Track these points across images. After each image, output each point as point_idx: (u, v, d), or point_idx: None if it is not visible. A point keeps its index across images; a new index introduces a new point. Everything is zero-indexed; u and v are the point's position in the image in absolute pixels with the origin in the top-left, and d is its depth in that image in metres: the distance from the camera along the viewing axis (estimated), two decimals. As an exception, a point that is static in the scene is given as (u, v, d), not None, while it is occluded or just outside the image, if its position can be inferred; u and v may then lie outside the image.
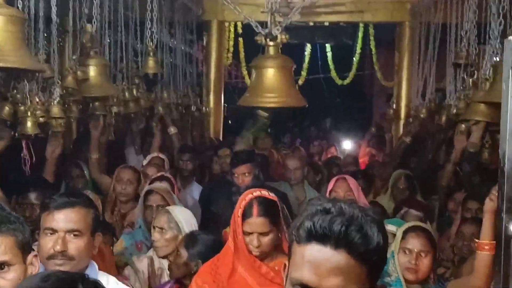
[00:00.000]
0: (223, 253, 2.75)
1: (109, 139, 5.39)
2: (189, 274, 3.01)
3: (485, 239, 2.89)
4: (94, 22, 4.50)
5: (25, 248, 1.88)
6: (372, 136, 9.11)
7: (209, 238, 3.20)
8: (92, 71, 4.30)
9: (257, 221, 2.64)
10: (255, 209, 2.66)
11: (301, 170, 5.58)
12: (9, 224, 1.84)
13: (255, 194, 2.73)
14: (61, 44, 4.32)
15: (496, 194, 1.84)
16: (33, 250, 2.05)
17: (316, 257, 1.35)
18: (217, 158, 6.07)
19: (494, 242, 2.25)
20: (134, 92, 5.64)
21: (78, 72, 4.15)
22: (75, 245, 2.20)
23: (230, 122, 11.75)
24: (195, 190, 5.62)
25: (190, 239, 3.16)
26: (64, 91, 4.09)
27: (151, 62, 5.38)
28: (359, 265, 1.35)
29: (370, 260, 1.37)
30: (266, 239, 2.65)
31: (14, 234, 1.84)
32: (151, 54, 5.35)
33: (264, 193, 2.77)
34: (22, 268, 1.83)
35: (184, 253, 3.08)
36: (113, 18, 5.27)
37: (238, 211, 2.67)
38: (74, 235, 2.22)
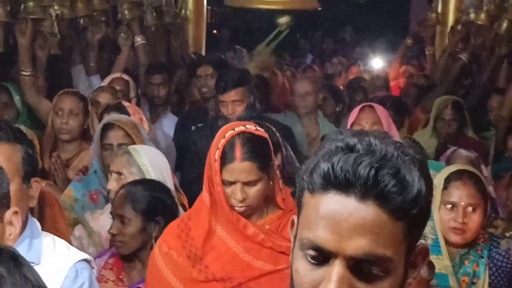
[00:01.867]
0: (195, 210, 2.69)
1: (51, 54, 5.35)
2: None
3: None
4: None
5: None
6: (409, 50, 9.09)
7: (151, 187, 3.15)
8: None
9: (241, 167, 2.53)
10: (238, 151, 2.52)
11: (313, 96, 5.57)
12: None
13: (237, 129, 2.57)
14: None
15: None
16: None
17: (336, 211, 1.34)
18: (196, 79, 5.95)
19: None
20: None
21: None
22: None
23: (215, 31, 11.74)
24: (169, 124, 5.62)
25: (126, 196, 3.11)
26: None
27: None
28: (394, 222, 1.34)
29: (409, 214, 1.36)
30: (253, 191, 2.55)
31: None
32: None
33: (250, 127, 2.62)
34: None
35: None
36: None
37: (215, 153, 2.57)
38: None
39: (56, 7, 5.03)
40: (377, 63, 10.65)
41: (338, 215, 1.36)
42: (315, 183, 1.39)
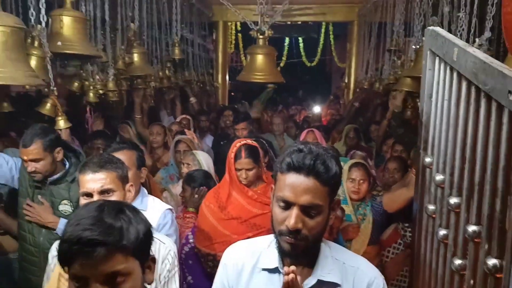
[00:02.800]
0: (222, 184, 2.73)
1: (150, 105, 5.36)
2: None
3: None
4: (136, 22, 4.48)
5: (124, 180, 1.89)
6: (331, 102, 9.09)
7: (202, 173, 3.16)
8: (136, 57, 4.31)
9: (244, 161, 2.62)
10: (243, 153, 2.62)
11: (282, 125, 5.59)
12: (112, 163, 1.86)
13: (242, 142, 2.70)
14: (112, 38, 4.26)
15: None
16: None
17: (293, 182, 1.37)
18: (223, 118, 6.02)
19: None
20: (166, 72, 5.61)
21: (126, 58, 4.18)
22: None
23: (233, 94, 11.62)
24: (209, 140, 5.62)
25: (188, 177, 3.12)
26: (116, 71, 4.09)
27: (176, 50, 5.35)
28: (323, 187, 1.36)
29: (330, 183, 1.38)
30: (250, 173, 2.61)
31: (116, 170, 1.85)
32: (176, 45, 5.32)
33: (249, 141, 2.74)
34: (122, 193, 1.84)
35: (186, 188, 3.07)
36: (149, 19, 5.21)
37: (231, 154, 2.63)
38: None
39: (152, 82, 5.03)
40: (315, 108, 10.71)
41: (295, 184, 1.38)
42: (283, 168, 1.42)
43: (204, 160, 3.43)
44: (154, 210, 2.25)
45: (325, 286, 1.44)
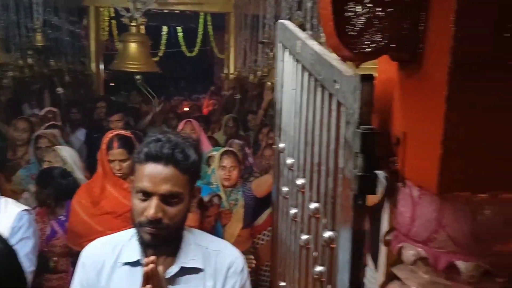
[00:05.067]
0: (94, 178, 2.64)
1: (8, 98, 4.85)
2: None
3: None
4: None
5: None
6: (212, 92, 9.16)
7: (58, 171, 3.00)
8: (-12, 43, 3.86)
9: (117, 151, 2.55)
10: (115, 143, 2.55)
11: (160, 116, 5.49)
12: None
13: (114, 133, 2.63)
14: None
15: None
16: None
17: (152, 172, 1.37)
18: (96, 109, 5.68)
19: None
20: (29, 60, 5.09)
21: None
22: None
23: (113, 84, 11.05)
24: (82, 134, 5.29)
25: (39, 176, 2.95)
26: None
27: (38, 36, 4.90)
28: (182, 175, 1.39)
29: (190, 171, 1.41)
30: (124, 164, 2.55)
31: None
32: (38, 30, 4.86)
33: (122, 131, 2.68)
34: None
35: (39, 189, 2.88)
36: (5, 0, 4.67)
37: (103, 145, 2.55)
38: None
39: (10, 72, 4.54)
40: (196, 99, 10.69)
41: (153, 173, 1.38)
42: (141, 158, 1.41)
43: (69, 156, 3.23)
44: (7, 212, 2.08)
45: (188, 273, 1.47)
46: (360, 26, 0.84)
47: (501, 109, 0.80)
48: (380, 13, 0.83)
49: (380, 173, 1.02)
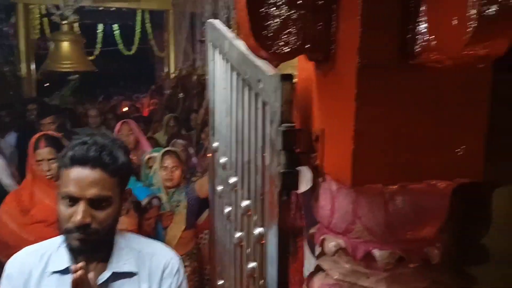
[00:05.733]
0: (23, 185, 2.49)
1: None
2: None
3: None
4: None
5: None
6: (153, 92, 8.98)
7: None
8: None
9: (44, 151, 2.43)
10: (42, 143, 2.43)
11: (98, 117, 5.33)
12: None
13: (40, 134, 2.53)
14: None
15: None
16: None
17: (78, 176, 1.32)
18: (27, 112, 5.39)
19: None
20: None
21: None
22: None
23: (47, 84, 10.52)
24: (12, 138, 5.01)
25: None
26: None
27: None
28: (111, 178, 1.35)
29: (119, 173, 1.38)
30: (54, 165, 2.45)
31: None
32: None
33: (49, 132, 2.58)
34: None
35: None
36: None
37: (30, 147, 2.43)
38: None
39: None
40: (137, 99, 10.43)
41: (80, 178, 1.34)
42: (66, 162, 1.36)
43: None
44: None
45: (121, 277, 1.44)
46: (275, 27, 0.87)
47: (407, 106, 0.86)
48: (293, 15, 0.87)
49: (305, 168, 1.06)
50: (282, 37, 0.87)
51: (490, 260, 1.05)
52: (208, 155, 4.14)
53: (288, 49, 0.87)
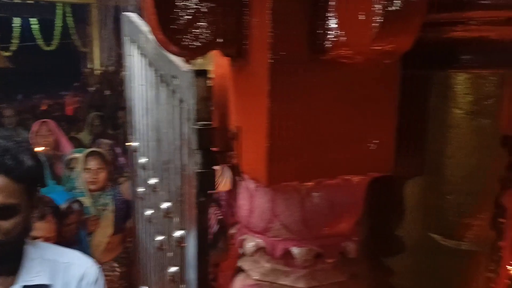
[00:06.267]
0: None
1: None
2: None
3: None
4: None
5: None
6: (77, 88, 8.54)
7: None
8: None
9: None
10: None
11: (14, 117, 4.97)
12: None
13: None
14: None
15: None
16: None
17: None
18: None
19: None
20: None
21: None
22: None
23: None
24: None
25: None
26: None
27: None
28: (16, 184, 1.24)
29: (25, 179, 1.27)
30: None
31: None
32: None
33: None
34: None
35: None
36: None
37: None
38: None
39: None
40: (57, 97, 9.88)
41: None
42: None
43: None
44: None
45: (33, 290, 1.34)
46: (184, 20, 0.82)
47: (320, 102, 0.86)
48: (203, 8, 0.83)
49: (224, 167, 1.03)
50: (192, 31, 0.83)
51: (405, 250, 1.09)
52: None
53: (199, 44, 0.84)
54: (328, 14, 0.80)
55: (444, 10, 0.90)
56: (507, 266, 2.05)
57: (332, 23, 0.80)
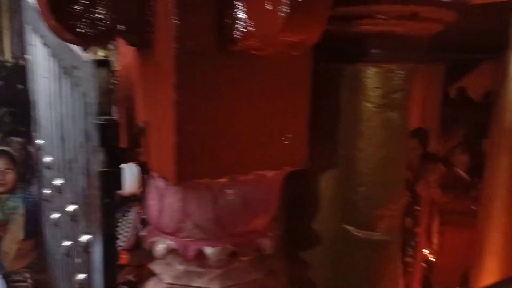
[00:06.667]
0: None
1: None
2: None
3: None
4: None
5: None
6: None
7: None
8: None
9: None
10: None
11: None
12: None
13: None
14: None
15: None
16: None
17: None
18: None
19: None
20: None
21: None
22: None
23: None
24: None
25: None
26: None
27: None
28: None
29: None
30: None
31: None
32: None
33: None
34: None
35: None
36: None
37: None
38: None
39: None
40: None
41: None
42: None
43: None
44: None
45: None
46: (79, 6, 0.75)
47: (230, 95, 0.82)
48: (101, -7, 0.75)
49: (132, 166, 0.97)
50: (89, 16, 0.75)
51: (321, 244, 1.09)
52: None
53: (97, 31, 0.76)
54: (237, 3, 0.76)
55: (351, 3, 0.90)
56: (423, 250, 2.17)
57: (241, 13, 0.77)
